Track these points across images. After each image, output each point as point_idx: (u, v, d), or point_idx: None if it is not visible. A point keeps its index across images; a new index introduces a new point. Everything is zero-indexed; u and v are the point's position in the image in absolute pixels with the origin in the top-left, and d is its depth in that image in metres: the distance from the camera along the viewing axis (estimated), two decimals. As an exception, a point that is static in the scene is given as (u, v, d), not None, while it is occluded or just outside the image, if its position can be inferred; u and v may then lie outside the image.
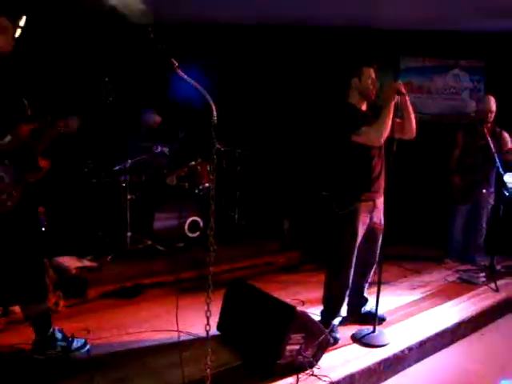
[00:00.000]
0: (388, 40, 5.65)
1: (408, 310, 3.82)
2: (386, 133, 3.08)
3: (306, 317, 2.84)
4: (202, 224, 5.04)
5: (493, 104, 4.70)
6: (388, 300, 3.87)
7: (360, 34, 5.61)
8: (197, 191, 5.11)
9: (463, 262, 5.04)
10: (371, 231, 3.34)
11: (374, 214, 3.30)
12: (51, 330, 2.87)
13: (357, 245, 3.25)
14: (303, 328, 2.75)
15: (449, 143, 5.05)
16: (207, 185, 5.11)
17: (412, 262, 5.09)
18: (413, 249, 5.47)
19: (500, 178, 4.49)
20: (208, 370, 2.35)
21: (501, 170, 4.40)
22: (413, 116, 3.29)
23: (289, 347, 2.69)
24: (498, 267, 4.74)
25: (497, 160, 4.39)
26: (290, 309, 2.82)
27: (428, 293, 4.26)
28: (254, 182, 5.83)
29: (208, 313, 2.28)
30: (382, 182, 3.29)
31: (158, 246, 4.72)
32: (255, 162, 5.76)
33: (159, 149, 4.87)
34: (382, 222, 3.38)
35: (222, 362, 2.84)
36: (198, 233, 5.01)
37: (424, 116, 5.77)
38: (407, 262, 5.09)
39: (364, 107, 3.28)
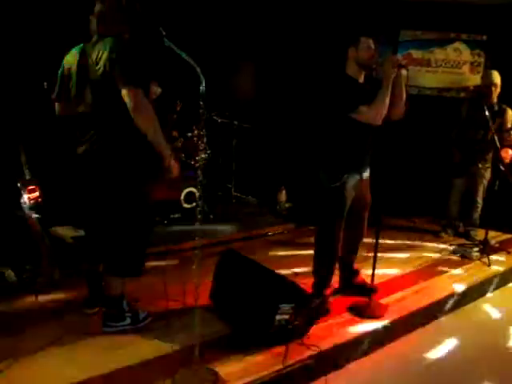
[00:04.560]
0: (388, 11, 5.54)
1: (400, 283, 3.85)
2: (385, 111, 3.05)
3: (296, 288, 2.87)
4: (197, 195, 5.03)
5: (496, 79, 4.63)
6: (381, 272, 3.89)
7: (360, 5, 5.50)
8: (193, 162, 5.09)
9: (458, 237, 5.07)
10: (358, 204, 3.36)
11: (361, 187, 3.32)
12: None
13: (344, 216, 3.26)
14: (293, 298, 2.79)
15: (448, 117, 5.01)
16: (203, 156, 5.08)
17: (407, 235, 5.12)
18: (409, 222, 5.50)
19: (496, 152, 4.46)
20: (197, 339, 2.39)
21: (497, 144, 4.37)
22: (404, 94, 3.22)
23: (278, 317, 2.73)
24: (492, 242, 4.76)
25: (495, 135, 4.37)
26: (280, 279, 2.85)
27: (421, 266, 4.28)
28: (250, 154, 5.80)
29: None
30: (369, 156, 3.31)
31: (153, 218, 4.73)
32: (252, 135, 5.72)
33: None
34: (369, 195, 3.42)
35: (213, 331, 2.89)
36: (193, 204, 5.01)
37: (423, 89, 5.71)
38: (402, 234, 5.12)
39: (362, 79, 3.22)
